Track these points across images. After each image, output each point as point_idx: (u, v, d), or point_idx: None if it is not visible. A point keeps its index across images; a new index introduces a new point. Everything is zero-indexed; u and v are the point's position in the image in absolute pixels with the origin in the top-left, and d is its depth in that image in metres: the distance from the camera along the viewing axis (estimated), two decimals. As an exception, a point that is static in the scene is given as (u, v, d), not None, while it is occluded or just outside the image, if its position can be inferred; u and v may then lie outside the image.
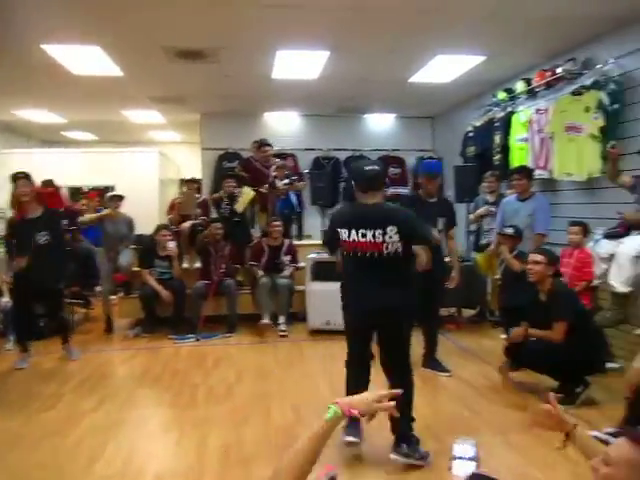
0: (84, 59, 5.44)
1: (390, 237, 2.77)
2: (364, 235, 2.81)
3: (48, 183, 5.73)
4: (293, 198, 6.95)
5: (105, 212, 6.08)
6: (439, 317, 4.78)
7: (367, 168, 2.93)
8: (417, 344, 5.13)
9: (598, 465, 1.29)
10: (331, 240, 3.06)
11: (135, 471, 2.79)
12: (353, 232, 2.84)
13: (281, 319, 5.75)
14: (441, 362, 4.43)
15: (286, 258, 6.06)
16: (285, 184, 6.66)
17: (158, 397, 3.92)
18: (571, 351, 3.47)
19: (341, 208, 3.67)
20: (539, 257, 3.66)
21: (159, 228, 5.91)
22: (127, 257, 6.08)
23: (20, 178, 4.44)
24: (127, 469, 2.80)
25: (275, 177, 6.74)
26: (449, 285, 4.38)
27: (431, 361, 4.43)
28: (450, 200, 4.76)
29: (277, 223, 6.04)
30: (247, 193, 6.35)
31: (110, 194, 6.18)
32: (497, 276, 4.98)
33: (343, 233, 2.89)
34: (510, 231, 4.64)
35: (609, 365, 4.36)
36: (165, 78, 6.45)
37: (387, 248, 2.78)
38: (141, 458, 2.96)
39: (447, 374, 4.31)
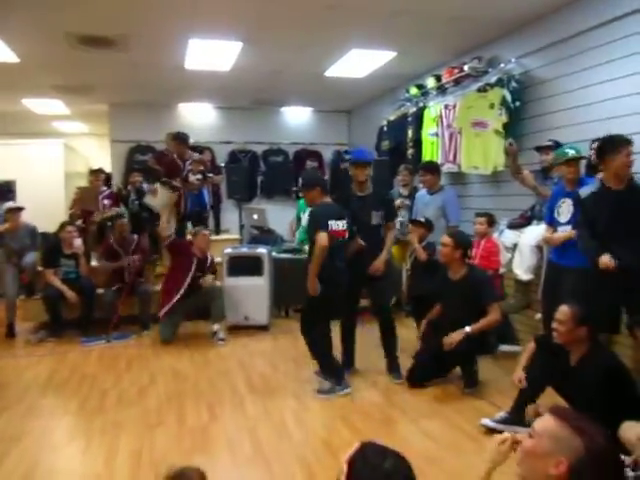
0: (-26, 43, 5.02)
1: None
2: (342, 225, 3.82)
3: None
4: (205, 195, 6.75)
5: (3, 227, 5.60)
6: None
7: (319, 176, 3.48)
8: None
9: (523, 439, 1.38)
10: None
11: (36, 485, 2.61)
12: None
13: (216, 326, 5.26)
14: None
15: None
16: (198, 179, 6.47)
17: (64, 405, 3.70)
18: (469, 340, 3.64)
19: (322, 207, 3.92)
20: (447, 239, 3.85)
21: (63, 225, 5.56)
22: (31, 257, 5.67)
23: None
24: (27, 484, 2.62)
25: (189, 171, 6.54)
26: (370, 270, 4.14)
27: None
28: (385, 192, 4.52)
29: (207, 232, 5.53)
30: (169, 196, 5.75)
31: (7, 206, 5.68)
32: (407, 266, 5.11)
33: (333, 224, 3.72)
34: (422, 219, 4.78)
35: (514, 348, 4.63)
36: (68, 66, 6.07)
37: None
38: (44, 472, 2.78)
39: None
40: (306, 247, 6.21)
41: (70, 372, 4.40)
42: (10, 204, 5.78)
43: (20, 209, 5.66)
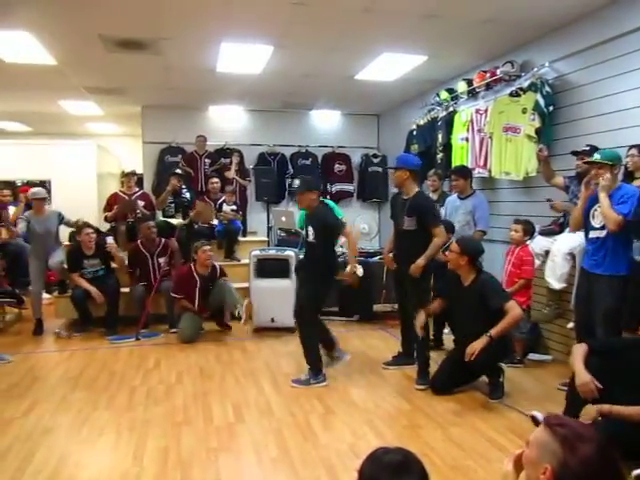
0: (13, 45, 5.15)
1: None
2: None
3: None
4: (237, 223, 6.85)
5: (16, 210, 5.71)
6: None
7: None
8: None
9: (524, 448, 1.43)
10: None
11: (66, 479, 2.66)
12: None
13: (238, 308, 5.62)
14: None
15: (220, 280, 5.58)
16: (232, 210, 6.62)
17: (94, 400, 3.76)
18: (490, 347, 3.52)
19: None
20: (454, 246, 3.82)
21: (80, 227, 5.64)
22: (58, 256, 5.80)
23: None
24: (58, 477, 2.67)
25: (223, 201, 6.69)
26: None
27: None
28: (421, 198, 4.23)
29: (208, 248, 5.46)
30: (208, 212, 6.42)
31: (32, 192, 5.81)
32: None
33: None
34: None
35: (543, 357, 4.56)
36: (103, 68, 6.20)
37: None
38: (73, 465, 2.83)
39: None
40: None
41: (100, 368, 4.48)
42: (35, 190, 5.86)
43: (44, 199, 5.78)
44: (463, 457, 2.88)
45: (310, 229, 4.23)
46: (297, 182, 4.49)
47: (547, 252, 4.35)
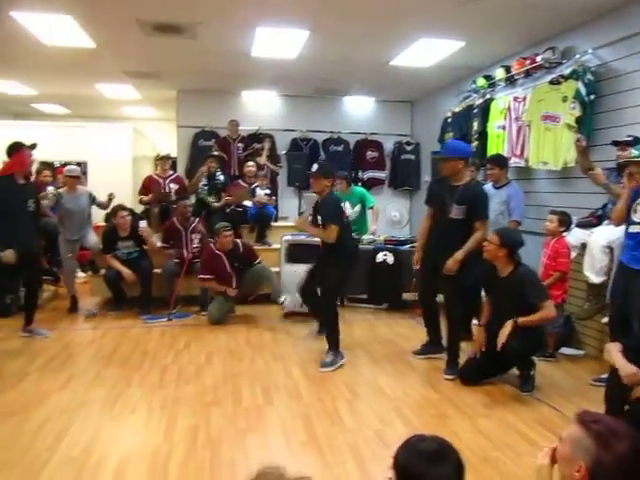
0: (55, 29, 5.24)
1: None
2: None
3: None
4: (271, 209, 6.83)
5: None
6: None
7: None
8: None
9: (557, 444, 1.44)
10: None
11: (100, 452, 2.74)
12: None
13: (282, 298, 5.56)
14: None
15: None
16: (266, 194, 6.64)
17: (127, 377, 3.85)
18: (524, 338, 3.49)
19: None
20: (493, 237, 3.71)
21: (116, 210, 5.74)
22: (93, 238, 5.93)
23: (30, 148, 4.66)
24: (92, 450, 2.76)
25: (257, 186, 6.72)
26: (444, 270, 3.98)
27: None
28: (477, 187, 4.21)
29: (229, 233, 5.47)
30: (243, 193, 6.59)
31: (67, 170, 5.93)
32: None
33: None
34: None
35: (576, 352, 4.48)
36: (141, 52, 6.27)
37: None
38: (107, 439, 2.91)
39: None
40: (363, 237, 6.24)
41: (132, 347, 4.59)
42: (69, 167, 6.00)
43: (78, 177, 5.91)
44: (491, 449, 2.86)
45: (319, 218, 4.30)
46: (315, 166, 4.42)
47: (584, 245, 4.25)
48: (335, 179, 4.57)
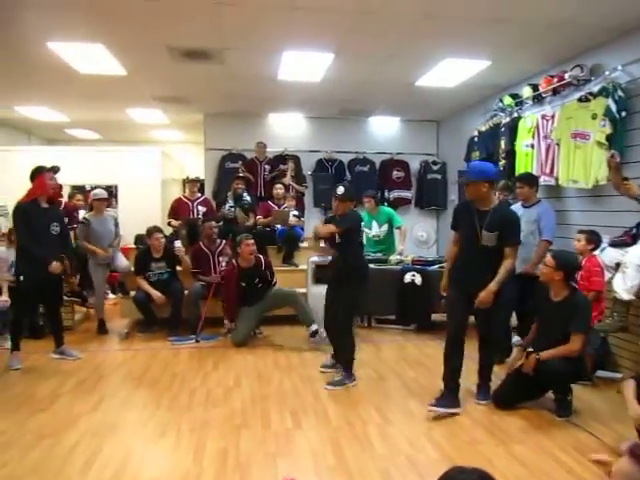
0: (88, 57, 5.43)
1: None
2: None
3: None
4: (299, 230, 6.87)
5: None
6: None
7: None
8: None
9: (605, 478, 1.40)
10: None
11: (130, 476, 2.75)
12: None
13: (314, 327, 5.34)
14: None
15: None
16: (295, 215, 6.70)
17: (156, 400, 3.87)
18: (567, 364, 3.45)
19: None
20: (549, 260, 3.68)
21: (151, 231, 5.82)
22: (123, 260, 6.04)
23: (51, 171, 4.74)
24: (123, 474, 2.76)
25: (286, 207, 6.78)
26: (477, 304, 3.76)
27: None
28: (508, 211, 3.97)
29: (251, 241, 5.45)
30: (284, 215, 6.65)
31: (95, 194, 6.07)
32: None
33: None
34: None
35: (613, 375, 4.34)
36: (169, 78, 6.42)
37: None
38: (137, 462, 2.91)
39: None
40: (391, 258, 6.21)
41: (162, 369, 4.62)
42: (96, 191, 6.12)
43: (106, 199, 6.03)
44: (527, 476, 2.78)
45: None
46: (341, 189, 4.43)
47: (618, 265, 4.15)
48: (357, 201, 4.56)
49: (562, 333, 3.52)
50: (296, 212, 6.87)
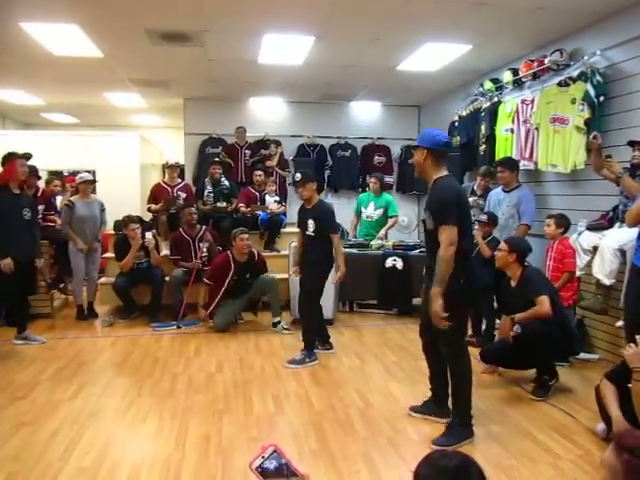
0: (63, 39, 5.28)
1: None
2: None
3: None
4: (281, 216, 6.83)
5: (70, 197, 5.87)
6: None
7: None
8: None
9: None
10: None
11: (112, 462, 2.74)
12: None
13: (277, 318, 5.45)
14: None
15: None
16: (276, 201, 6.66)
17: (138, 386, 3.85)
18: (546, 339, 3.51)
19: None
20: (503, 244, 3.86)
21: (126, 222, 5.73)
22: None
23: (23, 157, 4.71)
24: (104, 460, 2.75)
25: (266, 193, 6.72)
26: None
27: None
28: (440, 184, 3.04)
29: (246, 236, 5.42)
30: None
31: (80, 177, 5.95)
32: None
33: None
34: (483, 217, 4.77)
35: (590, 356, 4.43)
36: (148, 61, 6.29)
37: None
38: (118, 448, 2.91)
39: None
40: (372, 242, 6.24)
41: (143, 355, 4.59)
42: (82, 174, 6.05)
43: (92, 182, 5.95)
44: (506, 456, 2.83)
45: (310, 222, 4.44)
46: (298, 175, 4.54)
47: (595, 248, 4.22)
48: (317, 182, 4.72)
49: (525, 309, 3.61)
50: (277, 198, 6.84)
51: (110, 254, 6.13)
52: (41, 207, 5.89)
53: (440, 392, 3.28)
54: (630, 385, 2.69)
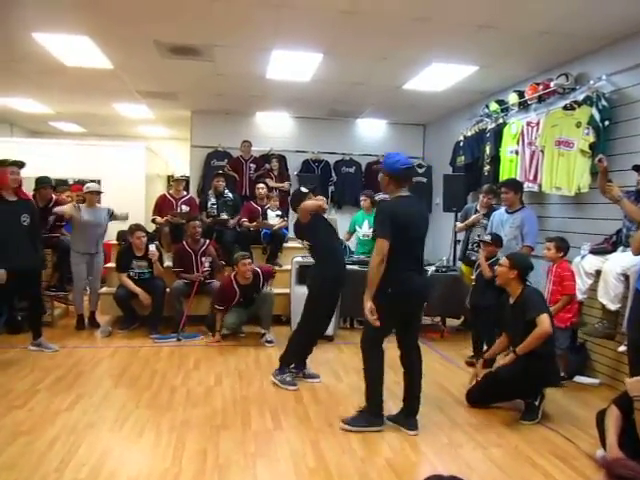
0: (74, 49, 5.36)
1: None
2: None
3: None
4: (284, 230, 6.79)
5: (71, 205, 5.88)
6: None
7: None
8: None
9: None
10: None
11: (108, 474, 2.71)
12: None
13: (264, 330, 5.59)
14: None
15: (264, 288, 5.63)
16: (278, 215, 6.68)
17: (136, 398, 3.83)
18: (528, 370, 3.50)
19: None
20: (504, 260, 3.84)
21: (132, 229, 5.74)
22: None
23: (15, 165, 4.66)
24: (99, 472, 2.72)
25: (268, 207, 6.73)
26: None
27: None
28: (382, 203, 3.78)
29: (248, 261, 5.42)
30: None
31: (88, 187, 5.98)
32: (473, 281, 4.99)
33: None
34: (487, 238, 4.76)
35: (590, 380, 4.40)
36: (157, 73, 6.36)
37: None
38: (114, 461, 2.88)
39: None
40: (368, 259, 6.23)
41: (142, 366, 4.57)
42: (89, 184, 6.07)
43: (98, 193, 5.97)
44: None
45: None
46: (304, 189, 4.44)
47: (598, 272, 4.21)
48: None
49: (524, 331, 3.56)
50: (279, 212, 6.85)
51: (112, 264, 6.13)
52: (52, 217, 5.90)
53: (408, 404, 3.47)
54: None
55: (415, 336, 3.56)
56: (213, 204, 6.69)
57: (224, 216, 6.58)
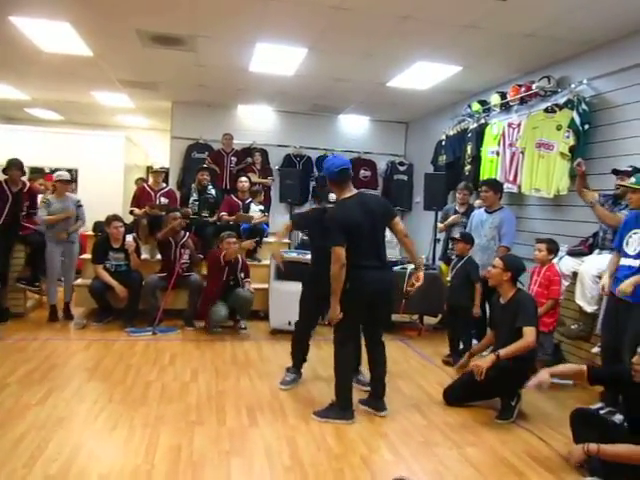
0: (53, 35, 5.24)
1: None
2: None
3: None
4: (264, 225, 6.74)
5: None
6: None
7: None
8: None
9: None
10: None
11: (78, 470, 2.66)
12: None
13: (242, 321, 5.71)
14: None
15: (241, 275, 5.66)
16: (261, 210, 6.62)
17: (109, 392, 3.76)
18: (510, 369, 3.51)
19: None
20: (497, 262, 3.83)
21: (110, 220, 5.63)
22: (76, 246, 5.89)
23: None
24: (70, 468, 2.67)
25: (251, 201, 6.67)
26: None
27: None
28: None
29: (233, 240, 5.47)
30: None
31: (58, 175, 5.83)
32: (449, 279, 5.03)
33: None
34: (456, 235, 4.87)
35: (563, 381, 4.45)
36: (138, 62, 6.25)
37: None
38: (86, 457, 2.82)
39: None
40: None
41: (116, 360, 4.50)
42: (60, 172, 5.92)
43: (68, 182, 5.84)
44: (479, 479, 2.81)
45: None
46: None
47: (575, 273, 4.26)
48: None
49: (510, 333, 3.59)
50: (261, 207, 6.79)
51: (87, 255, 6.02)
52: (26, 203, 5.74)
53: (374, 388, 3.73)
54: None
55: (379, 332, 3.70)
56: (195, 200, 6.60)
57: (204, 214, 6.50)
